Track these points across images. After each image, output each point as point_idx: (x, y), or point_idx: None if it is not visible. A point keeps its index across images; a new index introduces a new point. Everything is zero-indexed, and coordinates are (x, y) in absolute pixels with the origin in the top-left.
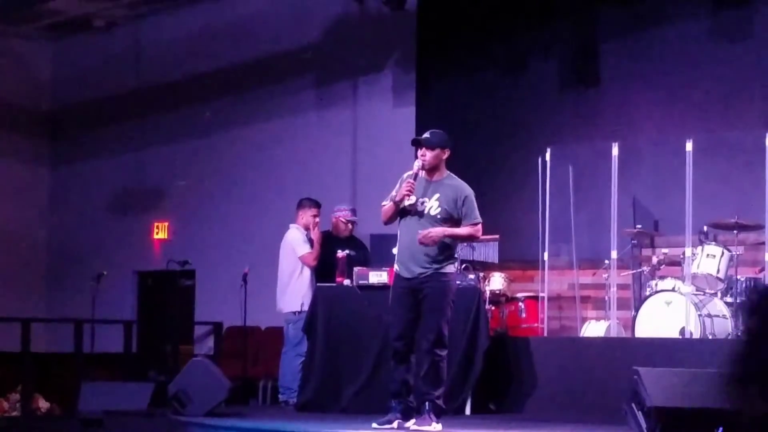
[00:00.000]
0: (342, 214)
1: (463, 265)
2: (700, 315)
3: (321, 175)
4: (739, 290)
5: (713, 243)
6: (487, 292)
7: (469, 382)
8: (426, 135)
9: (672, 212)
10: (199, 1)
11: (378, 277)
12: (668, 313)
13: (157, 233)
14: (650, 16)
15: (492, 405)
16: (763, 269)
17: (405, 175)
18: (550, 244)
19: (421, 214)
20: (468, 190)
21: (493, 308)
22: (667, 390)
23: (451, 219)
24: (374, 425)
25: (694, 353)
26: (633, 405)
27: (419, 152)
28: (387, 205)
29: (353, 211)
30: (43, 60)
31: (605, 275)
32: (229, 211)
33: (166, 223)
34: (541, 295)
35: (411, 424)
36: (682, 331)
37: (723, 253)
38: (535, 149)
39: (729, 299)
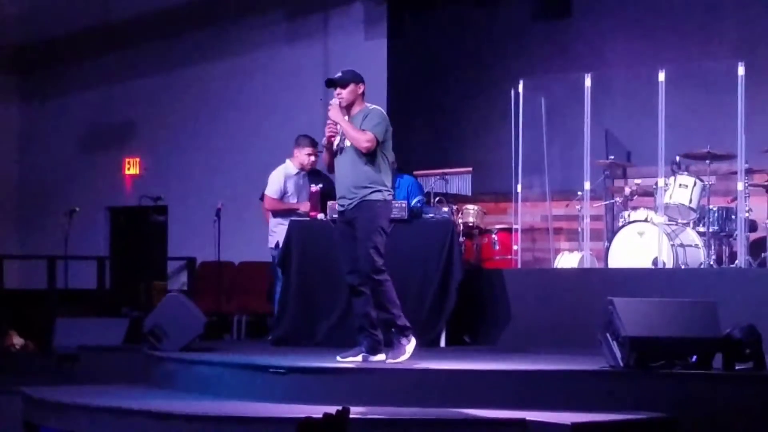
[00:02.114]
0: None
1: (437, 198)
2: (672, 245)
3: (293, 109)
4: (711, 220)
5: (685, 173)
6: (461, 225)
7: (443, 315)
8: (338, 74)
9: (644, 143)
10: None
11: None
12: (641, 244)
13: (129, 169)
14: None
15: (467, 337)
16: (735, 199)
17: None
18: (523, 177)
19: (342, 150)
20: (374, 110)
21: (466, 241)
22: (641, 320)
23: None
24: (338, 358)
25: (668, 283)
26: (607, 335)
27: (335, 92)
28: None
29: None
30: None
31: (578, 207)
32: (200, 146)
33: (138, 159)
34: (514, 227)
35: (381, 358)
36: (655, 261)
37: (695, 183)
38: (508, 81)
39: (701, 229)
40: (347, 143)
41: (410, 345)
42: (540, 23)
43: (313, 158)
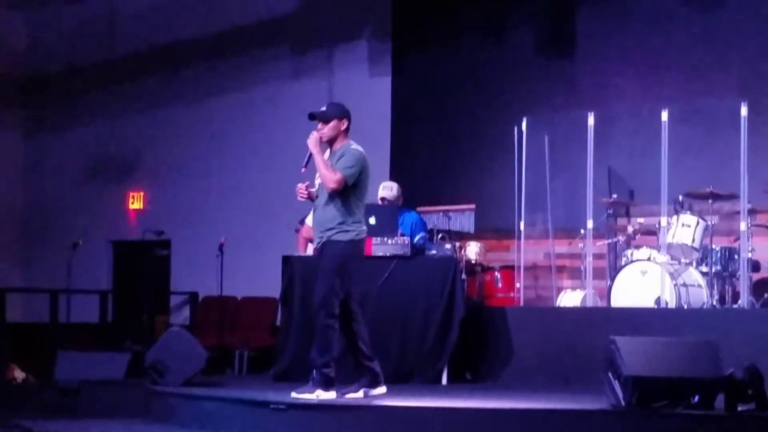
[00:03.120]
0: None
1: (440, 235)
2: (675, 284)
3: (296, 145)
4: (713, 259)
5: (688, 212)
6: (463, 262)
7: (445, 352)
8: (322, 108)
9: (647, 182)
10: None
11: None
12: (644, 283)
13: (133, 203)
14: None
15: (468, 374)
16: (737, 239)
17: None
18: (526, 214)
19: (320, 187)
20: (352, 150)
21: (469, 278)
22: (643, 359)
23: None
24: (338, 394)
25: (670, 322)
26: (609, 374)
27: (317, 126)
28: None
29: None
30: (17, 28)
31: (581, 245)
32: (204, 181)
33: (142, 193)
34: (517, 264)
35: (381, 391)
36: (658, 300)
37: (698, 222)
38: (512, 118)
39: (704, 269)
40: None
41: (324, 394)
42: (544, 61)
43: None
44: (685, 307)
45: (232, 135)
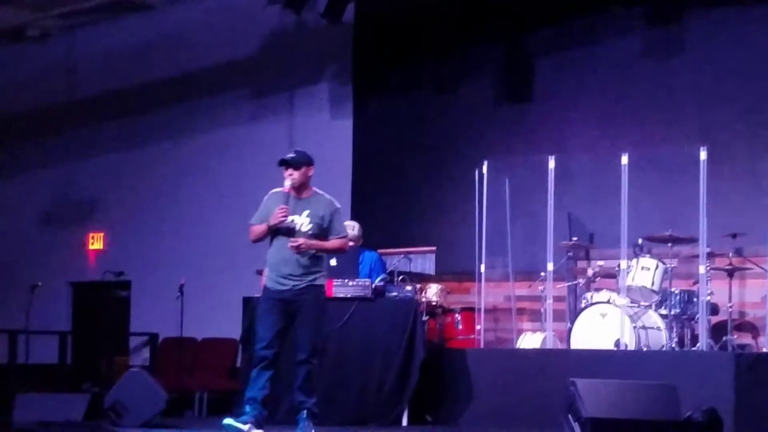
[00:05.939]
0: None
1: (401, 277)
2: (634, 327)
3: (257, 187)
4: (673, 302)
5: (648, 256)
6: (424, 304)
7: (405, 394)
8: (291, 154)
9: (607, 225)
10: (134, 12)
11: None
12: (603, 325)
13: (92, 244)
14: (583, 33)
15: (429, 416)
16: (696, 282)
17: (272, 192)
18: (487, 256)
19: (293, 232)
20: (336, 205)
21: (429, 320)
22: (602, 401)
23: (321, 233)
24: (226, 421)
25: (629, 365)
26: (569, 416)
27: (286, 173)
28: (256, 225)
29: None
30: None
31: (541, 287)
32: (164, 222)
33: (102, 234)
34: (477, 306)
35: None
36: (617, 342)
37: (657, 265)
38: (472, 162)
39: (663, 311)
40: (303, 229)
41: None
42: (504, 105)
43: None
44: (645, 349)
45: (192, 177)
